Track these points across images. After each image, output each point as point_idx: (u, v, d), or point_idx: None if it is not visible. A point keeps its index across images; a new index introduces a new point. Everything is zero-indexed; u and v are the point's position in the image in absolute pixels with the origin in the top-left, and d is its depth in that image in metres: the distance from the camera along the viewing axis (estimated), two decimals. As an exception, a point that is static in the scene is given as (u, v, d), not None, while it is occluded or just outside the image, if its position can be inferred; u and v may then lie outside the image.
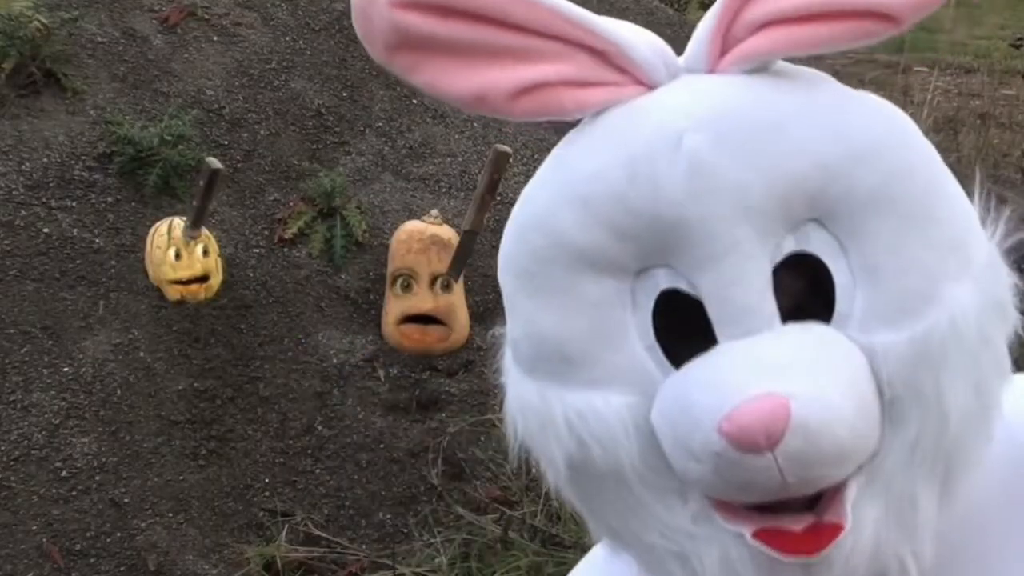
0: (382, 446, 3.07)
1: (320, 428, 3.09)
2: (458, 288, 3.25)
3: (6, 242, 3.20)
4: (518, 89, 0.67)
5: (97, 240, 3.27)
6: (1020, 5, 9.71)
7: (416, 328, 3.22)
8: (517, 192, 0.73)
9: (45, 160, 3.37)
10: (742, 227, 0.62)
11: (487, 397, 3.18)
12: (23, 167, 3.34)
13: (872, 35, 0.64)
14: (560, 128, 0.70)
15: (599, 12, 0.68)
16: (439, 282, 3.20)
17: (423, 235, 3.22)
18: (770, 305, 0.63)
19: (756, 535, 0.62)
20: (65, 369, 3.03)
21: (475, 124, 3.91)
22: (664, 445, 0.64)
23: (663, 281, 0.64)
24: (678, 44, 0.68)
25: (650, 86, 0.67)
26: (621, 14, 4.76)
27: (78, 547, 2.78)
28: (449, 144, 3.82)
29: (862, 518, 0.62)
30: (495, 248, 0.70)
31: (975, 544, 0.70)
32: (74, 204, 3.32)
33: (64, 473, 2.88)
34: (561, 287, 0.66)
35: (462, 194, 3.63)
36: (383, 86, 3.93)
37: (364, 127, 3.80)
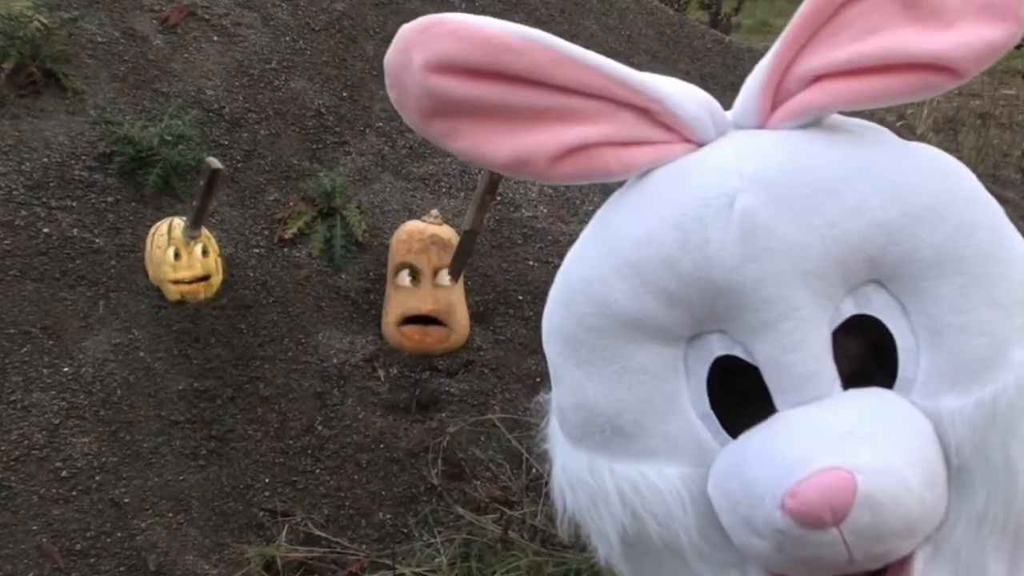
0: (382, 446, 3.07)
1: (320, 428, 3.09)
2: (458, 288, 3.25)
3: (6, 242, 3.20)
4: (561, 152, 0.64)
5: (97, 240, 3.27)
6: (1020, 5, 9.70)
7: (416, 328, 3.22)
8: (517, 192, 0.73)
9: (45, 160, 3.37)
10: (799, 291, 0.59)
11: (487, 397, 3.19)
12: (23, 167, 3.34)
13: (933, 89, 0.61)
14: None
15: (599, 13, 0.68)
16: (440, 274, 3.20)
17: (423, 235, 3.22)
18: (830, 370, 0.59)
19: None
20: (65, 369, 3.03)
21: (475, 124, 3.91)
22: (722, 519, 0.60)
23: (717, 348, 0.62)
24: (678, 44, 0.68)
25: (698, 143, 0.63)
26: (622, 14, 4.78)
27: (78, 547, 2.78)
28: (449, 144, 3.82)
29: None
30: (495, 248, 0.71)
31: None
32: (74, 204, 3.32)
33: (64, 473, 2.88)
34: (611, 356, 0.63)
35: (462, 194, 3.63)
36: (383, 86, 3.92)
37: (364, 127, 3.80)
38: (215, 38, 3.88)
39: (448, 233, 3.26)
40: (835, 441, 0.57)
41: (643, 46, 4.54)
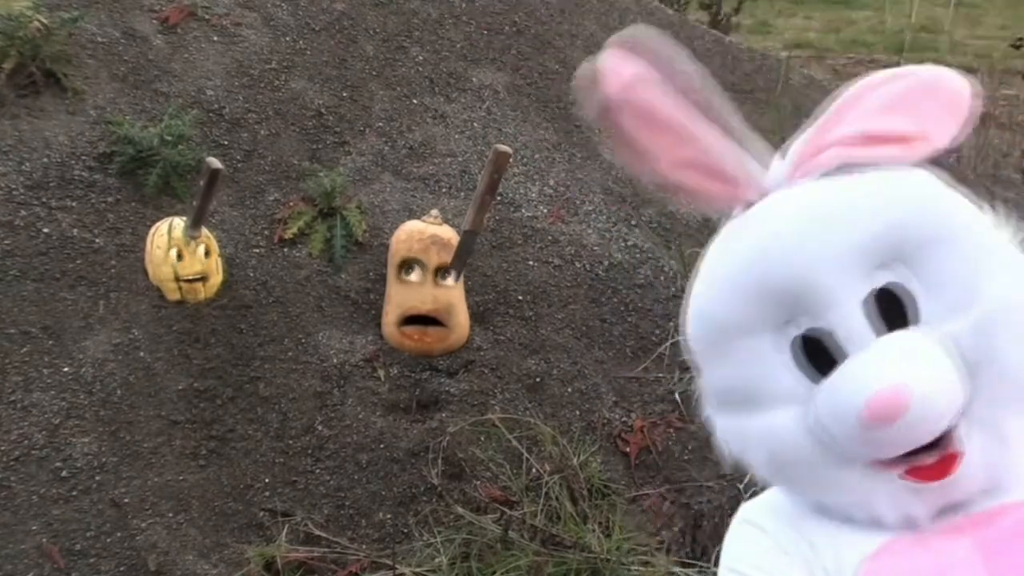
0: (382, 446, 3.07)
1: (320, 428, 3.09)
2: (458, 288, 3.25)
3: (6, 242, 3.20)
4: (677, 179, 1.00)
5: (97, 240, 3.27)
6: (1020, 5, 9.72)
7: (416, 328, 3.22)
8: (517, 192, 0.77)
9: (45, 160, 3.37)
10: (839, 280, 0.91)
11: (487, 397, 3.18)
12: (23, 167, 3.34)
13: (917, 154, 0.94)
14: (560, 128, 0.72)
15: (599, 13, 0.69)
16: (441, 272, 3.20)
17: (423, 235, 3.22)
18: (875, 324, 0.91)
19: (905, 473, 0.91)
20: (65, 369, 3.03)
21: (475, 124, 3.91)
22: (829, 434, 0.91)
23: (796, 328, 0.93)
24: (678, 44, 0.70)
25: (760, 195, 0.97)
26: (622, 14, 4.77)
27: (78, 547, 2.78)
28: (449, 144, 3.82)
29: (972, 446, 0.91)
30: (495, 248, 0.73)
31: None
32: (74, 204, 3.32)
33: (64, 473, 2.88)
34: (731, 351, 0.95)
35: (462, 194, 3.63)
36: (383, 86, 3.93)
37: (364, 127, 3.80)
38: (215, 38, 3.88)
39: (448, 233, 3.26)
40: (888, 367, 0.88)
41: (643, 46, 4.54)
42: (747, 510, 1.08)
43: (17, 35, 3.48)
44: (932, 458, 0.91)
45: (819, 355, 0.92)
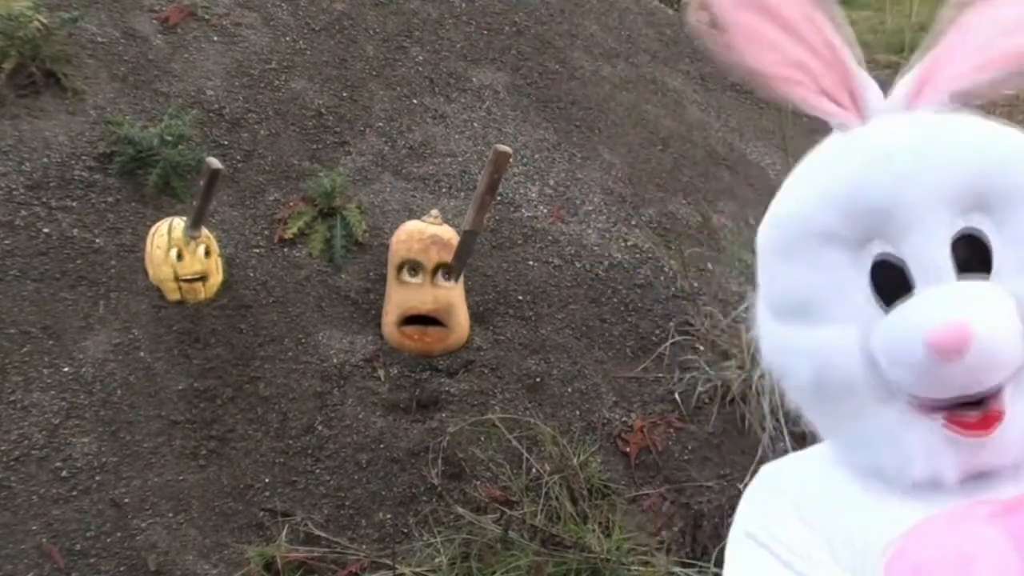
0: (382, 446, 3.07)
1: (320, 428, 3.09)
2: (458, 288, 3.25)
3: (6, 242, 3.20)
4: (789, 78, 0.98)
5: (97, 240, 3.27)
6: (1020, 5, 9.70)
7: (416, 329, 3.22)
8: (517, 192, 0.77)
9: (45, 160, 3.37)
10: (929, 213, 0.91)
11: (487, 397, 3.19)
12: (23, 167, 3.34)
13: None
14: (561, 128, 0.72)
15: (599, 13, 0.69)
16: (441, 272, 3.20)
17: (423, 235, 3.22)
18: (949, 265, 0.91)
19: (947, 422, 0.91)
20: (65, 369, 3.03)
21: (475, 124, 3.91)
22: (881, 362, 0.91)
23: (876, 249, 0.93)
24: (678, 44, 0.70)
25: (867, 116, 0.97)
26: (622, 14, 4.77)
27: (78, 547, 2.78)
28: (449, 144, 3.82)
29: (1016, 409, 0.91)
30: (495, 248, 0.73)
31: None
32: (74, 204, 3.32)
33: (64, 473, 2.88)
34: (808, 256, 0.95)
35: (462, 194, 3.63)
36: (383, 86, 3.93)
37: (364, 127, 3.80)
38: (215, 38, 3.88)
39: (448, 233, 3.26)
40: (956, 304, 0.88)
41: (643, 46, 4.54)
42: (772, 473, 1.06)
43: (17, 35, 3.48)
44: (975, 414, 0.91)
45: (893, 283, 0.92)
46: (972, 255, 0.92)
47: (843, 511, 0.97)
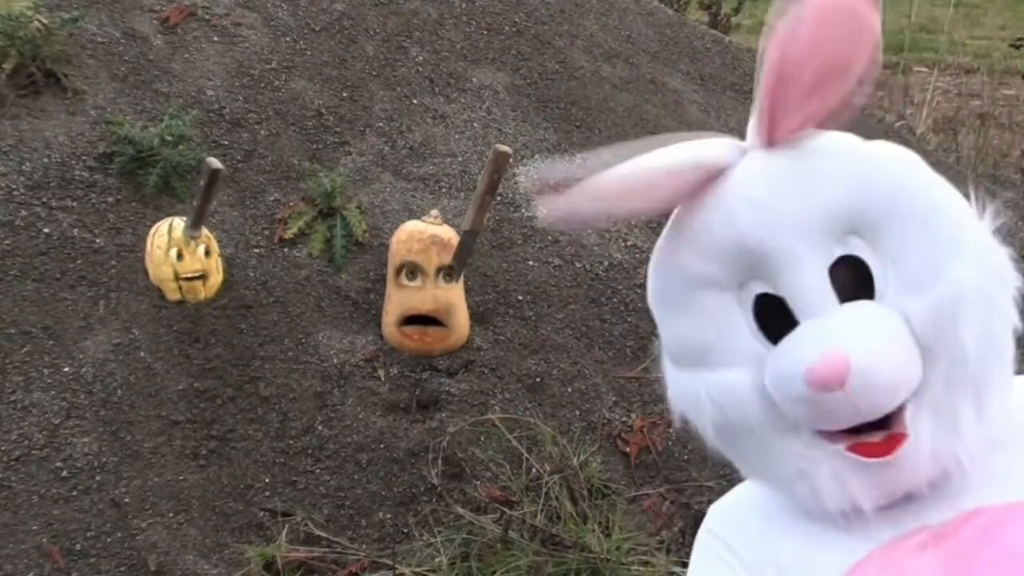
0: (382, 446, 3.07)
1: (320, 428, 3.09)
2: (458, 288, 3.25)
3: (6, 242, 3.20)
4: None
5: (97, 240, 3.27)
6: (1020, 5, 9.73)
7: (416, 329, 3.22)
8: (517, 192, 0.79)
9: (45, 160, 3.37)
10: (799, 243, 0.90)
11: (487, 397, 3.19)
12: (23, 167, 3.34)
13: (861, 82, 0.92)
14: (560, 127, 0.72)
15: (599, 13, 0.69)
16: (442, 273, 3.20)
17: (423, 235, 3.22)
18: (830, 294, 0.90)
19: (849, 448, 0.90)
20: (65, 369, 3.03)
21: (475, 124, 3.91)
22: (775, 398, 0.91)
23: (755, 288, 0.93)
24: (678, 44, 0.70)
25: (727, 167, 0.95)
26: (622, 14, 4.77)
27: (78, 547, 2.78)
28: (449, 144, 3.82)
29: (919, 429, 0.89)
30: (495, 248, 0.74)
31: (1002, 459, 0.95)
32: (74, 204, 3.32)
33: (64, 473, 2.88)
34: (691, 304, 0.95)
35: (462, 194, 3.63)
36: (383, 86, 3.93)
37: (364, 127, 3.80)
38: (215, 38, 3.88)
39: (448, 233, 3.26)
40: (834, 336, 0.87)
41: (643, 46, 4.54)
42: (715, 519, 1.08)
43: (17, 35, 3.48)
44: (877, 436, 0.89)
45: (778, 318, 0.91)
46: (854, 278, 0.90)
47: (787, 556, 0.98)
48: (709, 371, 0.95)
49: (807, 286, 0.90)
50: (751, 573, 1.00)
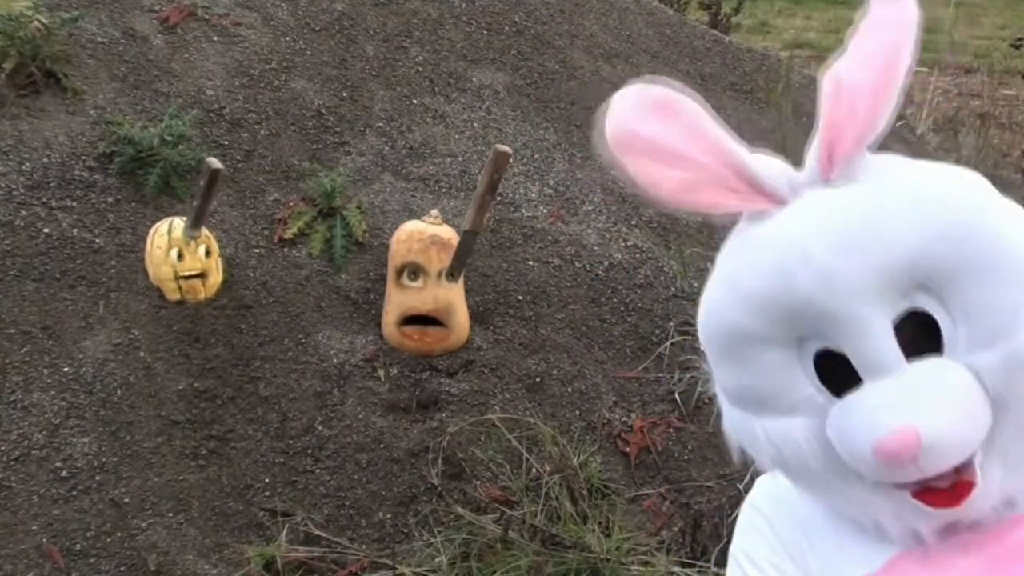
0: (382, 446, 3.07)
1: (320, 428, 3.09)
2: (458, 288, 3.25)
3: (6, 242, 3.20)
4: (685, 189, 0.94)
5: (97, 240, 3.27)
6: (1020, 5, 9.73)
7: (416, 329, 3.22)
8: (517, 192, 0.78)
9: (45, 160, 3.37)
10: (862, 305, 0.86)
11: (487, 397, 3.18)
12: (23, 167, 3.34)
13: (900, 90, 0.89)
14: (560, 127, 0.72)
15: (599, 13, 0.69)
16: (443, 274, 3.20)
17: (423, 235, 3.22)
18: (895, 351, 0.87)
19: (915, 495, 0.88)
20: (65, 369, 3.03)
21: (475, 124, 3.91)
22: (838, 450, 0.89)
23: (816, 345, 0.90)
24: (678, 44, 0.70)
25: (779, 200, 0.91)
26: (622, 14, 4.77)
27: (78, 547, 2.78)
28: (449, 144, 3.82)
29: (989, 475, 0.88)
30: (495, 248, 0.73)
31: None
32: (74, 204, 3.32)
33: (64, 473, 2.88)
34: (747, 357, 0.92)
35: (462, 194, 3.63)
36: (383, 86, 3.93)
37: (364, 127, 3.80)
38: (215, 38, 3.88)
39: (448, 233, 3.26)
40: (903, 407, 0.85)
41: (643, 46, 4.54)
42: (760, 494, 1.08)
43: (17, 35, 3.48)
44: (945, 482, 0.87)
45: (841, 370, 0.89)
46: (921, 331, 0.87)
47: (819, 540, 0.99)
48: (768, 416, 0.93)
49: (871, 346, 0.87)
50: (787, 549, 1.01)
